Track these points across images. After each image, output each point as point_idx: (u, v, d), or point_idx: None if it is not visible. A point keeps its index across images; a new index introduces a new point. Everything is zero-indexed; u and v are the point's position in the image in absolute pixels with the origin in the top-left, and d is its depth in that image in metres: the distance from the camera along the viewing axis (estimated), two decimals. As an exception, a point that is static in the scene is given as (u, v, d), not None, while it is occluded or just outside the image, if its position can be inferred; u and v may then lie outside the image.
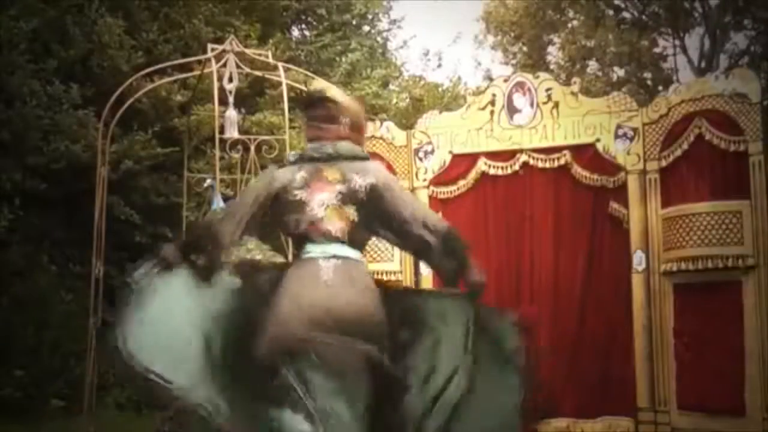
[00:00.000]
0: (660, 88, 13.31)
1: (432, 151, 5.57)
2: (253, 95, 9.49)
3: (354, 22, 14.17)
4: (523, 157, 5.38)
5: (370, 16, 15.00)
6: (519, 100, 5.47)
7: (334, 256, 2.64)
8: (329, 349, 2.47)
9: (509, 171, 5.42)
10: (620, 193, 5.13)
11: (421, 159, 5.60)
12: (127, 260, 8.33)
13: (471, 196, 5.48)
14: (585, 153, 5.24)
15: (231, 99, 5.67)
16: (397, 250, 4.98)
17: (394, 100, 13.29)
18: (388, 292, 2.79)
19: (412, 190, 5.53)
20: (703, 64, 13.75)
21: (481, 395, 2.62)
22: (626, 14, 14.80)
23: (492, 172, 5.41)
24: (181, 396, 2.45)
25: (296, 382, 2.44)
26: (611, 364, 5.06)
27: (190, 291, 2.61)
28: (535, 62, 15.36)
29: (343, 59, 12.64)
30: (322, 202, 2.69)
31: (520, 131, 5.43)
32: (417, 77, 15.53)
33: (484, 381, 2.64)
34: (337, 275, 2.61)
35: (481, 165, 5.44)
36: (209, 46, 6.10)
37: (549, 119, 5.37)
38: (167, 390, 2.44)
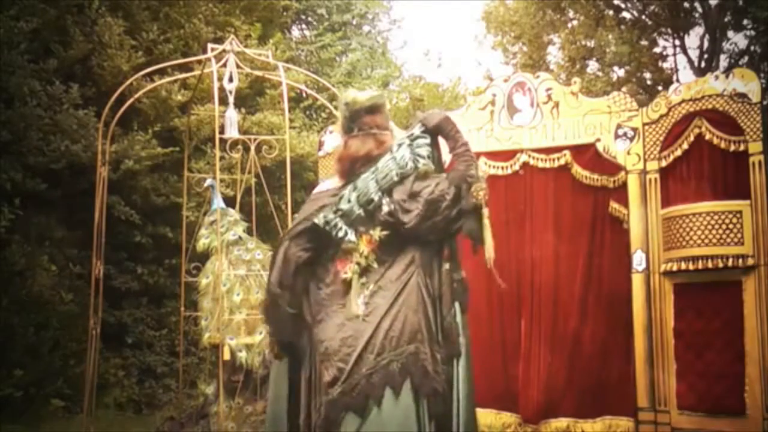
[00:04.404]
0: (660, 88, 13.27)
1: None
2: (253, 95, 9.50)
3: (354, 22, 14.21)
4: (523, 157, 5.38)
5: (370, 16, 15.03)
6: (519, 100, 5.47)
7: None
8: None
9: (509, 171, 5.42)
10: (620, 193, 5.13)
11: (421, 159, 5.59)
12: (127, 260, 8.42)
13: (471, 196, 5.47)
14: (585, 153, 5.24)
15: (231, 99, 5.66)
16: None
17: (394, 100, 13.30)
18: None
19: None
20: (703, 64, 13.73)
21: None
22: (626, 14, 14.77)
23: (492, 172, 5.40)
24: None
25: None
26: (611, 364, 5.05)
27: None
28: (535, 62, 15.34)
29: (344, 59, 12.65)
30: None
31: (520, 131, 5.44)
32: (417, 77, 15.56)
33: None
34: None
35: (481, 165, 5.43)
36: (209, 46, 6.09)
37: (549, 119, 5.37)
38: None
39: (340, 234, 2.80)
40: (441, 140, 2.94)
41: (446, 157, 3.01)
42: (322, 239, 2.85)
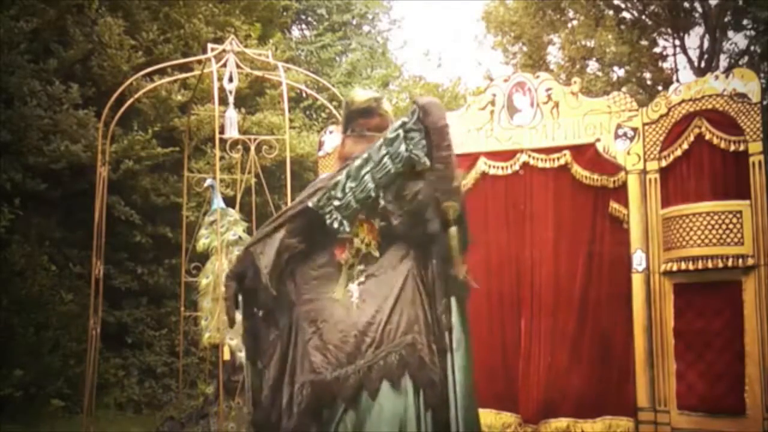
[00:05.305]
0: (660, 88, 13.29)
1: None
2: (253, 95, 9.51)
3: (354, 22, 14.22)
4: (523, 157, 5.38)
5: (370, 16, 15.05)
6: (519, 100, 5.47)
7: None
8: None
9: (509, 171, 5.41)
10: (620, 193, 5.12)
11: (421, 159, 5.59)
12: (127, 260, 8.42)
13: (471, 196, 5.44)
14: (585, 153, 5.24)
15: (231, 99, 5.67)
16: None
17: (394, 100, 13.31)
18: None
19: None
20: (703, 64, 13.75)
21: None
22: (626, 14, 14.79)
23: (492, 172, 5.40)
24: None
25: None
26: (611, 364, 5.05)
27: None
28: (535, 62, 15.35)
29: (344, 59, 12.66)
30: None
31: (520, 131, 5.44)
32: (417, 77, 15.59)
33: None
34: None
35: (481, 165, 5.44)
36: (209, 46, 6.10)
37: (549, 119, 5.37)
38: None
39: (335, 225, 2.79)
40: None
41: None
42: (316, 223, 2.82)
